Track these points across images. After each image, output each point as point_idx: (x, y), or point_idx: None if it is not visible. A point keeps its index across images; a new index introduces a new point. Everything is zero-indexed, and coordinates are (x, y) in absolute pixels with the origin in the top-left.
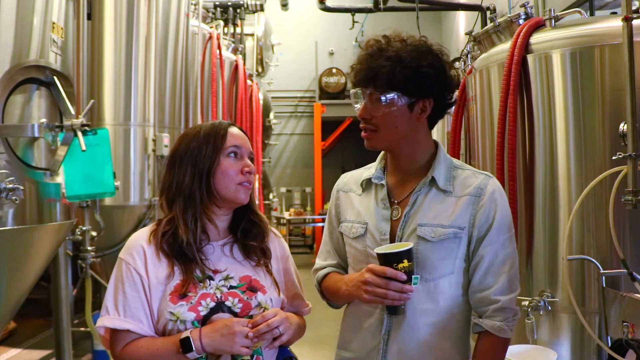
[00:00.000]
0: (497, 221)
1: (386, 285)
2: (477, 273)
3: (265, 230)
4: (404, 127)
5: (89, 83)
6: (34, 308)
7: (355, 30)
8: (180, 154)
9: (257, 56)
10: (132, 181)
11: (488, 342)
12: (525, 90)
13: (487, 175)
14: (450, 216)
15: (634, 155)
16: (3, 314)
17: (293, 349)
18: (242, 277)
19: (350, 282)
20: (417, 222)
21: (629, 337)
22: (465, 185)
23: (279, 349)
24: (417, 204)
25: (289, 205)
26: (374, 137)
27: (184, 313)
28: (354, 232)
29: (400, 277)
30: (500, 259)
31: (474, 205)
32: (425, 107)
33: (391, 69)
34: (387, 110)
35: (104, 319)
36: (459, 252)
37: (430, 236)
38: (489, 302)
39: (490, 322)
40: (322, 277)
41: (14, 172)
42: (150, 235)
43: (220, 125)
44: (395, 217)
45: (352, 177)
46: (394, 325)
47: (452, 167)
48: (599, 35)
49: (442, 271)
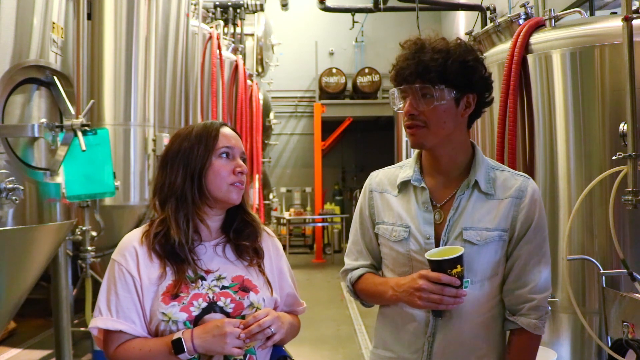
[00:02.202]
0: (536, 222)
1: (441, 292)
2: (513, 271)
3: (258, 230)
4: (450, 124)
5: (89, 83)
6: (34, 308)
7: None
8: (172, 154)
9: (257, 56)
10: (132, 181)
11: (523, 339)
12: (525, 90)
13: (526, 177)
14: (494, 219)
15: (634, 155)
16: (3, 314)
17: (292, 348)
18: (234, 277)
19: (400, 288)
20: (462, 226)
21: (629, 337)
22: (506, 187)
23: (273, 348)
24: (461, 208)
25: (289, 205)
26: (423, 134)
27: (176, 313)
28: (396, 235)
29: (455, 283)
30: (537, 259)
31: (515, 207)
32: (469, 103)
33: (443, 61)
34: (438, 103)
35: (96, 320)
36: (502, 254)
37: (476, 239)
38: (525, 300)
39: (526, 319)
40: (356, 278)
41: (14, 172)
42: (142, 236)
43: (212, 125)
44: (438, 220)
45: (385, 177)
46: (439, 327)
47: (490, 169)
48: (599, 35)
49: (487, 273)
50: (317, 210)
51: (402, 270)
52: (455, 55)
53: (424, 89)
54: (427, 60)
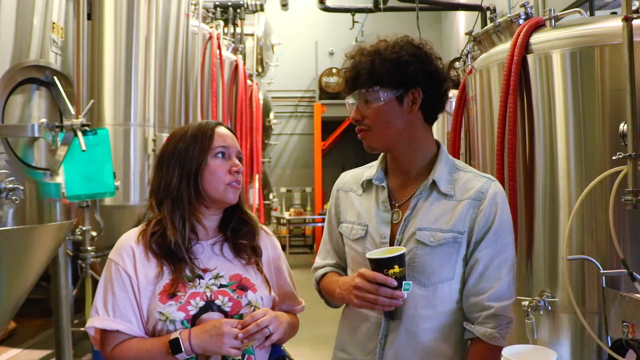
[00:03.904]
0: (496, 225)
1: (376, 291)
2: (471, 277)
3: (255, 229)
4: (398, 123)
5: (89, 83)
6: (34, 308)
7: (355, 30)
8: (168, 155)
9: (257, 56)
10: (132, 181)
11: (480, 350)
12: (525, 90)
13: (489, 179)
14: (450, 220)
15: (634, 155)
16: (3, 314)
17: (292, 348)
18: (232, 276)
19: (344, 286)
20: (417, 226)
21: (629, 337)
22: (466, 188)
23: (272, 348)
24: (417, 208)
25: (289, 205)
26: (369, 137)
27: (173, 313)
28: (354, 234)
29: (390, 284)
30: (497, 264)
31: (474, 209)
32: (415, 98)
33: (371, 63)
34: (376, 105)
35: (93, 320)
36: (458, 257)
37: (429, 240)
38: (482, 307)
39: (482, 328)
40: (320, 277)
41: (14, 172)
42: (139, 236)
43: (207, 125)
44: (395, 220)
45: (352, 177)
46: (391, 330)
47: (454, 169)
48: (599, 35)
49: (441, 276)
50: (317, 210)
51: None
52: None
53: (361, 95)
54: (357, 66)
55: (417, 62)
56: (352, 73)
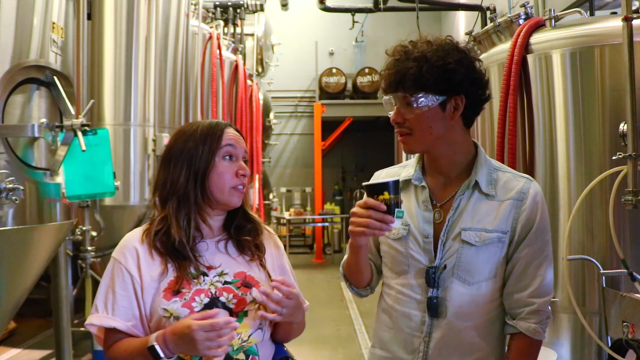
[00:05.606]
0: (537, 224)
1: (368, 215)
2: (513, 274)
3: (259, 227)
4: (439, 128)
5: (89, 83)
6: (34, 308)
7: (355, 30)
8: (176, 152)
9: (257, 56)
10: (132, 181)
11: (522, 344)
12: (525, 90)
13: (528, 179)
14: (493, 220)
15: (634, 155)
16: (3, 314)
17: (292, 348)
18: (236, 273)
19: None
20: (461, 227)
21: (629, 337)
22: (507, 188)
23: (275, 348)
24: (461, 208)
25: (289, 205)
26: (410, 141)
27: (178, 309)
28: (396, 233)
29: (379, 208)
30: (538, 262)
31: (516, 210)
32: (457, 105)
33: (418, 69)
34: (419, 111)
35: (92, 317)
36: (501, 256)
37: (474, 240)
38: (524, 304)
39: (525, 324)
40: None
41: (14, 172)
42: (143, 235)
43: (217, 125)
44: (437, 219)
45: (387, 176)
46: (435, 327)
47: (492, 170)
48: (599, 35)
49: (484, 274)
50: (317, 210)
51: (400, 269)
52: (433, 61)
53: (404, 98)
54: (403, 70)
55: (463, 70)
56: (397, 76)
